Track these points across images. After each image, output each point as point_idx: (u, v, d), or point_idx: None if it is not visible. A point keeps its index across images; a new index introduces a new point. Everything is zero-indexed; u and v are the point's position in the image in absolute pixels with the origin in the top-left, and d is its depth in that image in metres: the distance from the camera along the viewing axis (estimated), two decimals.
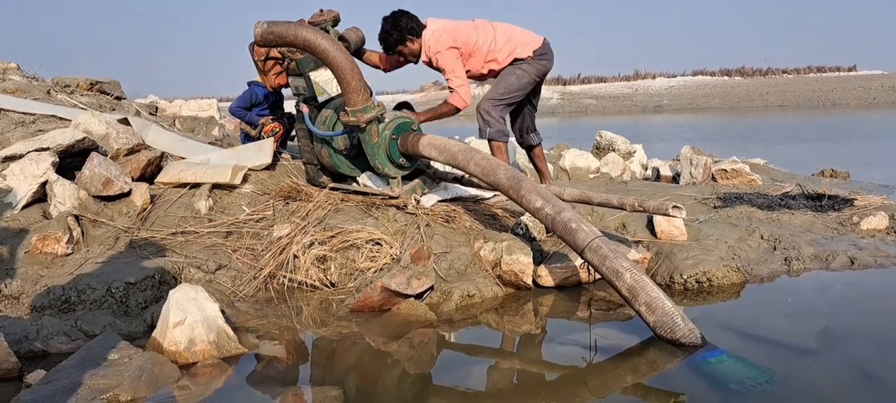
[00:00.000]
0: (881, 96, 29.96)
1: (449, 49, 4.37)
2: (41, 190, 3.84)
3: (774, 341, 2.81)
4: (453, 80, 4.40)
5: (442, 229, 3.88)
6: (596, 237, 2.99)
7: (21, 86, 5.80)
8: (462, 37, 4.42)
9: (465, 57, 4.47)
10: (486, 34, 4.50)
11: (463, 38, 4.42)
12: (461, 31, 4.44)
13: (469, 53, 4.47)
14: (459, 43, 4.40)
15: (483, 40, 4.48)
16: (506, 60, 4.54)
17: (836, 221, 4.53)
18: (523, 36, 4.61)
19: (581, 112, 32.53)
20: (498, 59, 4.52)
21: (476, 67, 4.56)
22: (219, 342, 2.72)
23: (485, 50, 4.48)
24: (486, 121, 4.60)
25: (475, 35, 4.46)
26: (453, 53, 4.38)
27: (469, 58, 4.49)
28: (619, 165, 6.81)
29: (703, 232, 4.07)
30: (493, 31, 4.53)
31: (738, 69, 37.00)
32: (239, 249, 3.79)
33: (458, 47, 4.40)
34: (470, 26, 4.51)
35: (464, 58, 4.46)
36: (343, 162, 4.23)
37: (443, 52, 4.38)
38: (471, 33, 4.45)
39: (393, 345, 2.95)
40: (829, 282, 3.60)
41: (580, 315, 3.24)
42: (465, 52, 4.45)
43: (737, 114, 26.10)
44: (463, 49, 4.43)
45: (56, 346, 2.84)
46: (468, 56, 4.48)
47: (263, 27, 3.58)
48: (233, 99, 5.59)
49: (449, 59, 4.38)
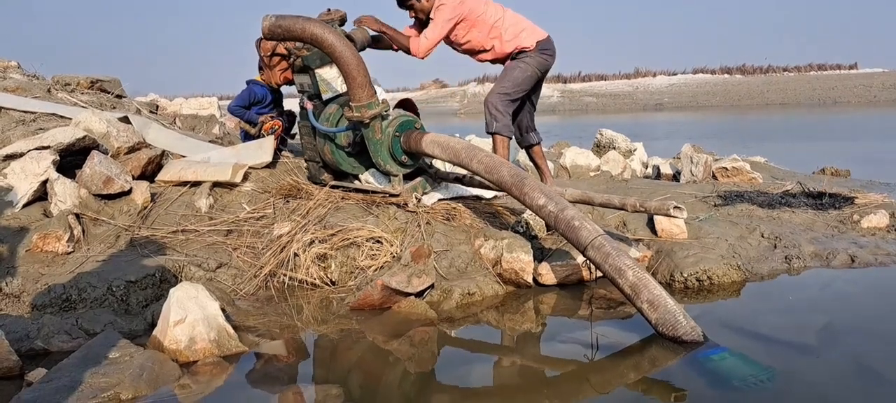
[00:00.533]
0: (882, 94, 29.95)
1: (451, 7, 4.38)
2: (42, 188, 3.84)
3: (775, 338, 2.81)
4: (428, 32, 4.42)
5: (442, 227, 3.87)
6: (599, 235, 2.99)
7: (22, 84, 5.79)
8: (470, 4, 4.45)
9: (469, 25, 4.49)
10: (496, 11, 4.56)
11: (471, 5, 4.45)
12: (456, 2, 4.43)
13: (473, 23, 4.49)
14: (467, 8, 4.43)
15: (491, 14, 4.52)
16: (510, 41, 4.56)
17: (836, 219, 4.53)
18: (531, 25, 4.65)
19: (582, 110, 32.53)
20: (502, 38, 4.54)
21: (478, 39, 4.56)
22: (219, 340, 2.72)
23: (490, 22, 4.52)
24: (493, 115, 4.61)
25: (483, 7, 4.51)
26: (450, 14, 4.39)
27: (472, 27, 4.51)
28: (620, 163, 6.80)
29: (704, 231, 4.07)
30: (503, 12, 4.59)
31: (738, 67, 36.97)
32: (239, 247, 3.79)
33: (461, 15, 4.42)
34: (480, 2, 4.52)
35: (468, 25, 4.49)
36: (345, 159, 4.23)
37: (446, 6, 4.38)
38: (480, 4, 4.50)
39: (393, 344, 2.95)
40: (830, 280, 3.60)
41: (581, 313, 3.24)
42: (470, 20, 4.47)
43: (737, 112, 26.10)
44: (469, 16, 4.46)
45: (57, 344, 2.84)
46: (471, 25, 4.50)
47: (271, 20, 3.59)
48: (233, 97, 5.58)
49: (443, 16, 4.39)
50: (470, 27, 4.50)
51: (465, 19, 4.46)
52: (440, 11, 4.39)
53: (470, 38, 4.54)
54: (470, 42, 4.57)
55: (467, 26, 4.50)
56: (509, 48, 4.57)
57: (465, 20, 4.47)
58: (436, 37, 4.42)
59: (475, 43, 4.58)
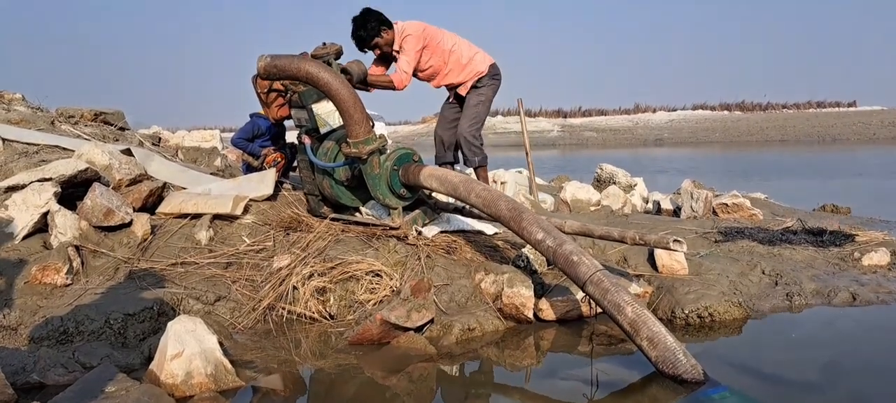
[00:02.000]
0: (881, 132, 30.07)
1: (417, 37, 4.80)
2: (42, 220, 3.84)
3: (777, 377, 2.79)
4: (403, 64, 4.79)
5: (443, 260, 3.87)
6: (597, 270, 2.98)
7: (26, 116, 5.84)
8: (430, 31, 4.90)
9: (430, 51, 4.91)
10: (451, 38, 5.04)
11: (431, 32, 4.90)
12: (430, 27, 4.92)
13: (433, 49, 4.91)
14: (428, 35, 4.86)
15: (446, 40, 4.99)
16: (466, 65, 5.02)
17: (837, 257, 4.51)
18: (480, 50, 5.17)
19: (582, 144, 32.65)
20: (460, 62, 5.01)
21: (437, 64, 4.98)
22: (216, 375, 2.70)
23: (447, 48, 4.97)
24: (473, 150, 5.07)
25: (441, 35, 4.97)
26: (418, 43, 4.81)
27: (433, 54, 4.93)
28: (620, 198, 6.81)
29: (705, 267, 4.06)
30: (456, 38, 5.07)
31: (738, 104, 37.17)
32: (238, 280, 3.78)
33: (425, 41, 4.84)
34: (437, 29, 4.98)
35: (429, 52, 4.91)
36: (344, 193, 4.25)
37: (412, 36, 4.79)
38: (438, 32, 4.95)
39: (392, 379, 2.92)
40: (832, 318, 3.58)
41: (582, 349, 3.21)
42: (431, 46, 4.90)
43: (737, 149, 26.19)
44: (430, 42, 4.88)
45: (53, 378, 2.81)
46: (432, 52, 4.92)
47: (267, 60, 3.62)
48: (235, 129, 5.62)
49: (411, 46, 4.79)
50: (431, 54, 4.92)
51: (427, 46, 4.88)
52: (408, 42, 4.78)
53: (431, 63, 4.95)
54: (431, 67, 4.97)
55: (429, 53, 4.91)
56: (466, 72, 5.02)
57: (427, 47, 4.87)
58: (411, 66, 4.81)
59: (435, 67, 4.99)
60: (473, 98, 5.07)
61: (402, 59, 4.76)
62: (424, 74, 5.02)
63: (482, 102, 5.09)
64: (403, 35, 4.79)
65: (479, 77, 5.05)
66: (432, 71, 4.98)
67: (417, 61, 4.82)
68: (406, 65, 4.76)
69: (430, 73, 4.99)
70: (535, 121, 35.26)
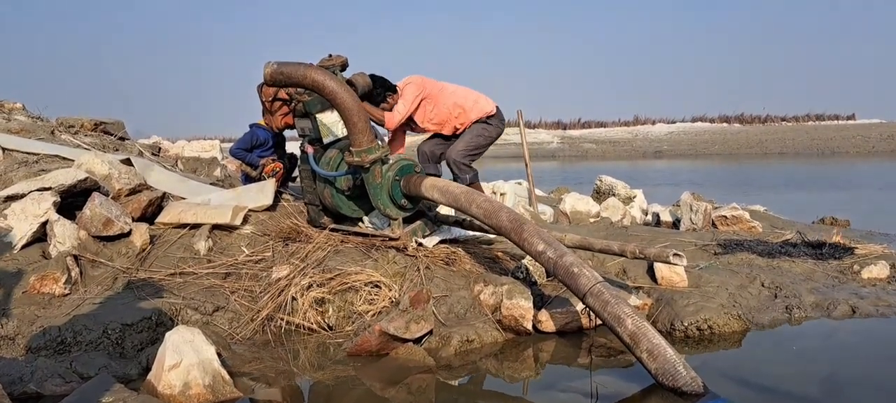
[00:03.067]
0: (880, 145, 30.12)
1: (416, 86, 4.91)
2: (41, 229, 3.84)
3: (777, 390, 2.78)
4: (399, 106, 4.88)
5: (442, 272, 3.86)
6: (598, 282, 2.98)
7: (26, 126, 5.85)
8: (429, 83, 4.99)
9: (433, 102, 4.98)
10: (449, 87, 5.11)
11: (430, 84, 5.00)
12: (429, 80, 5.02)
13: (435, 100, 4.99)
14: (427, 86, 4.95)
15: (448, 90, 5.07)
16: (472, 109, 5.06)
17: (836, 269, 4.51)
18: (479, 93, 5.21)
19: (581, 156, 32.69)
20: (465, 108, 5.05)
21: (443, 114, 5.03)
22: (214, 385, 2.69)
23: (451, 99, 5.03)
24: (462, 169, 5.07)
25: (439, 86, 5.05)
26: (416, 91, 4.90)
27: (436, 104, 5.00)
28: (620, 210, 6.81)
29: (704, 279, 4.05)
30: (455, 87, 5.14)
31: (737, 116, 37.20)
32: (237, 291, 3.77)
33: (424, 93, 4.94)
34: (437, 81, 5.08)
35: (432, 102, 4.98)
36: (345, 203, 4.25)
37: (412, 85, 4.91)
38: (437, 84, 5.05)
39: (390, 391, 2.91)
40: (831, 331, 3.57)
41: (581, 361, 3.20)
42: (433, 97, 4.97)
43: (736, 161, 26.22)
44: (430, 94, 4.96)
45: (50, 388, 2.80)
46: (434, 102, 4.99)
47: (273, 67, 3.65)
48: (235, 139, 5.63)
49: (411, 93, 4.89)
50: (434, 104, 4.99)
51: (428, 97, 4.96)
52: (408, 90, 4.89)
53: (436, 113, 5.02)
54: (436, 116, 5.03)
55: (432, 103, 4.98)
56: (473, 116, 5.07)
57: (427, 98, 4.96)
58: (405, 112, 4.89)
59: (442, 116, 5.04)
60: (477, 128, 5.09)
61: (400, 103, 4.88)
62: (433, 124, 5.06)
63: (483, 135, 5.10)
64: (405, 84, 4.93)
65: (488, 115, 5.10)
66: (439, 120, 5.03)
67: (413, 109, 4.92)
68: (402, 107, 4.87)
69: (437, 123, 5.05)
70: (534, 132, 35.31)
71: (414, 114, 4.95)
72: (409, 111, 4.89)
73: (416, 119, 5.00)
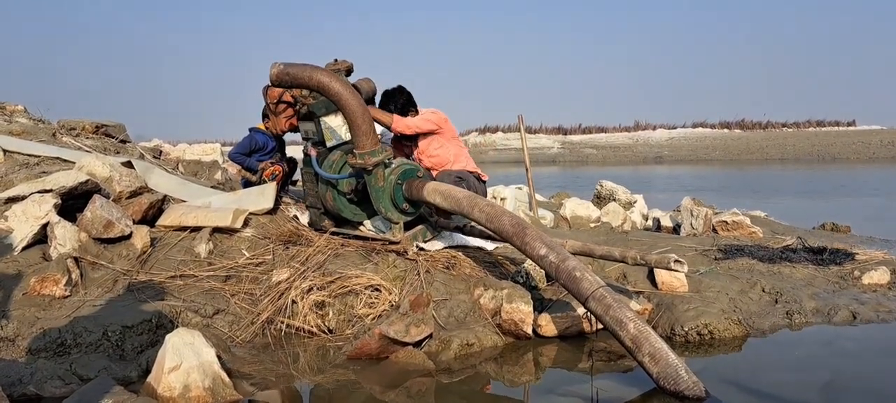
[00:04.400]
0: (880, 151, 30.17)
1: (436, 113, 5.03)
2: (42, 231, 3.84)
3: (778, 395, 2.77)
4: (412, 118, 4.97)
5: (442, 275, 3.86)
6: (600, 286, 2.98)
7: (27, 128, 5.85)
8: (449, 125, 5.10)
9: (444, 140, 5.04)
10: (462, 144, 5.25)
11: (449, 126, 5.11)
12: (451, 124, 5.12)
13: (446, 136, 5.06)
14: (445, 126, 5.05)
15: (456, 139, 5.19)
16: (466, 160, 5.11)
17: (837, 275, 4.51)
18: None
19: (582, 161, 32.72)
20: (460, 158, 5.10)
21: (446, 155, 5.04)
22: (214, 388, 2.69)
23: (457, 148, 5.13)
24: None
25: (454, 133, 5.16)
26: (434, 117, 5.00)
27: (445, 143, 5.04)
28: (620, 215, 6.81)
29: (705, 284, 4.05)
30: (462, 143, 5.27)
31: (737, 122, 37.23)
32: (237, 294, 3.77)
33: (440, 126, 5.01)
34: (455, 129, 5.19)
35: (443, 140, 5.04)
36: (347, 206, 4.25)
37: (433, 111, 5.04)
38: (454, 130, 5.16)
39: (390, 394, 2.91)
40: (832, 337, 3.57)
41: (581, 366, 3.20)
42: (446, 137, 5.06)
43: (737, 167, 26.23)
44: (444, 133, 5.05)
45: (50, 390, 2.80)
46: (444, 139, 5.04)
47: (279, 68, 3.66)
48: (236, 143, 5.63)
49: (428, 116, 4.99)
50: (443, 143, 5.03)
51: (441, 133, 5.01)
52: (426, 112, 5.02)
53: (440, 152, 5.03)
54: (439, 155, 5.03)
55: (441, 141, 5.01)
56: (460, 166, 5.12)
57: (440, 134, 5.00)
58: (414, 125, 4.93)
59: (443, 158, 5.04)
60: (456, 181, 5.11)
61: (417, 117, 4.97)
62: (432, 161, 5.04)
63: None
64: (427, 109, 5.07)
65: (470, 172, 5.18)
66: (439, 159, 5.04)
67: (424, 130, 4.96)
68: (416, 120, 4.94)
69: (436, 162, 5.05)
70: (535, 137, 35.35)
71: (420, 137, 4.99)
72: (420, 128, 4.93)
73: (420, 143, 5.02)
